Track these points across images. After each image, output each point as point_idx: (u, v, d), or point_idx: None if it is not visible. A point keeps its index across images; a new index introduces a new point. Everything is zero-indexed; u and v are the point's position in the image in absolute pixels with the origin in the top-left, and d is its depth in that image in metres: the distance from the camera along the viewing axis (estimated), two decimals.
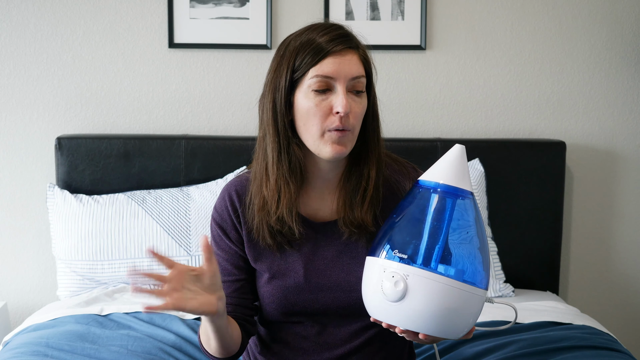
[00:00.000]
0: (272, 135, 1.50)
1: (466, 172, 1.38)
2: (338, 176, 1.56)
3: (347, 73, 1.46)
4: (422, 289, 1.31)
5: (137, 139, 2.63)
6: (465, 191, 1.37)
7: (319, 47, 1.46)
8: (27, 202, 2.75)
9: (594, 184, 2.80)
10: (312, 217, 1.57)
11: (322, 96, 1.46)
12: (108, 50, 2.72)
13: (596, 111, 2.78)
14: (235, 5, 2.70)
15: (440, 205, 1.36)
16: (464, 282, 1.33)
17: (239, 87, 2.74)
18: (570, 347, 1.91)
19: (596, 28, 2.75)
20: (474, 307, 1.35)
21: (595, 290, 2.85)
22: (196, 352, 1.94)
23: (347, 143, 1.47)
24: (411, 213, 1.38)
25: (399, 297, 1.32)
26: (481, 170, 2.58)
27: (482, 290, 1.36)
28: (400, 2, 2.71)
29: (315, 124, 1.46)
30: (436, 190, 1.37)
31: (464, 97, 2.77)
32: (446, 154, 1.39)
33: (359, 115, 1.48)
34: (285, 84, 1.48)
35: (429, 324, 1.33)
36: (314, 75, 1.45)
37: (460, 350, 1.93)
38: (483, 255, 1.37)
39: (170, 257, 2.45)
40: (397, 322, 1.35)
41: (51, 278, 2.76)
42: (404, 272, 1.32)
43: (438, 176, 1.37)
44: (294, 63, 1.47)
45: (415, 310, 1.32)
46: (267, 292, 1.57)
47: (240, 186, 1.58)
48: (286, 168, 1.50)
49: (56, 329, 2.00)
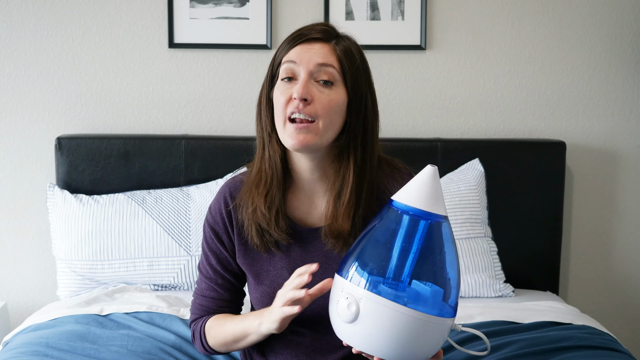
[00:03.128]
0: (257, 131, 1.54)
1: (439, 194, 1.32)
2: (321, 178, 1.54)
3: (311, 59, 1.45)
4: (373, 314, 1.29)
5: (137, 139, 2.63)
6: (436, 215, 1.32)
7: (295, 36, 1.49)
8: (27, 202, 2.75)
9: (594, 184, 2.80)
10: (302, 222, 1.56)
11: (288, 85, 1.47)
12: (108, 50, 2.72)
13: (596, 111, 2.78)
14: (235, 5, 2.70)
15: (406, 228, 1.32)
16: (420, 311, 1.29)
17: (239, 87, 2.74)
18: (570, 347, 1.91)
19: (596, 28, 2.75)
20: (432, 335, 1.31)
21: (595, 290, 2.85)
22: (196, 352, 1.93)
23: (309, 134, 1.44)
24: (377, 234, 1.35)
25: (351, 319, 1.30)
26: (481, 170, 2.58)
27: (443, 318, 1.32)
28: (400, 2, 2.71)
29: (279, 111, 1.46)
30: (405, 213, 1.32)
31: (464, 97, 2.77)
32: (418, 175, 1.34)
33: (325, 105, 1.44)
34: (266, 79, 1.52)
35: (383, 349, 1.30)
36: (283, 62, 1.48)
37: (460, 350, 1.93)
38: (450, 282, 1.33)
39: (170, 257, 2.47)
40: (351, 343, 1.34)
41: (51, 278, 2.76)
42: (357, 294, 1.30)
43: (408, 199, 1.32)
44: (275, 57, 1.51)
45: (366, 334, 1.30)
46: (255, 298, 1.59)
47: (234, 188, 1.59)
48: (267, 163, 1.52)
49: (56, 329, 2.00)
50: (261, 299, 1.57)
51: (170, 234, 2.48)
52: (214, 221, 1.59)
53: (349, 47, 1.50)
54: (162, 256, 2.47)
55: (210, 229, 1.60)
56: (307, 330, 1.56)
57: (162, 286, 2.49)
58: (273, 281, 1.55)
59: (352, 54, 1.49)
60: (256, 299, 1.59)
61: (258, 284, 1.57)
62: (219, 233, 1.59)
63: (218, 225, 1.59)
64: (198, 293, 1.64)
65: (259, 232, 1.53)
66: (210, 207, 1.61)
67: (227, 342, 1.58)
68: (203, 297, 1.63)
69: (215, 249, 1.60)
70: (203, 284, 1.63)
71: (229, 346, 1.59)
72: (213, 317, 1.62)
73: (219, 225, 1.59)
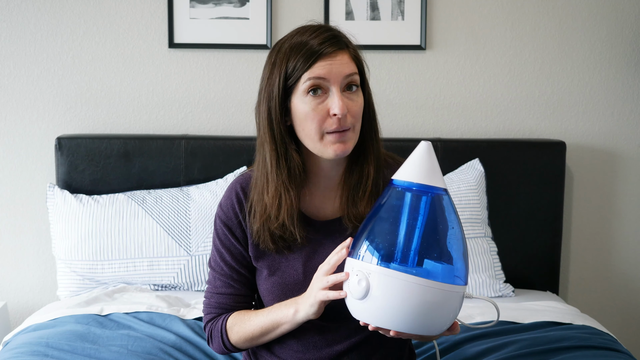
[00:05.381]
0: (270, 143, 1.51)
1: (436, 168, 1.37)
2: (340, 174, 1.57)
3: (339, 73, 1.46)
4: (383, 287, 1.32)
5: (137, 139, 2.63)
6: (436, 188, 1.36)
7: (311, 51, 1.47)
8: (27, 202, 2.75)
9: (594, 184, 2.80)
10: (315, 216, 1.58)
11: (318, 99, 1.47)
12: (108, 50, 2.72)
13: (596, 111, 2.78)
14: (235, 5, 2.70)
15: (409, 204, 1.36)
16: (431, 279, 1.32)
17: (239, 87, 2.74)
18: (570, 347, 1.91)
19: (596, 28, 2.75)
20: (446, 304, 1.34)
21: (595, 290, 2.85)
22: (196, 352, 1.94)
23: (348, 141, 1.49)
24: (382, 213, 1.39)
25: (362, 295, 1.34)
26: (481, 170, 2.58)
27: (456, 286, 1.35)
28: (400, 2, 2.71)
29: (314, 127, 1.47)
30: (406, 190, 1.37)
31: (463, 97, 2.77)
32: (414, 152, 1.38)
33: (357, 113, 1.49)
34: (278, 91, 1.49)
35: (397, 321, 1.33)
36: (307, 79, 1.46)
37: (460, 350, 1.93)
38: (459, 251, 1.37)
39: (170, 257, 2.47)
40: (367, 319, 1.37)
41: (51, 278, 2.76)
42: (366, 270, 1.34)
43: (407, 175, 1.37)
44: (286, 69, 1.48)
45: (379, 308, 1.33)
46: (266, 289, 1.58)
47: (245, 184, 1.59)
48: (285, 175, 1.51)
49: (56, 329, 2.00)
50: (272, 289, 1.57)
51: (170, 234, 2.48)
52: (227, 217, 1.59)
53: (359, 50, 1.54)
54: (162, 256, 2.47)
55: (222, 225, 1.59)
56: (313, 320, 1.56)
57: (162, 286, 2.49)
58: (285, 272, 1.56)
59: (362, 57, 1.54)
60: (266, 290, 1.58)
61: (270, 275, 1.57)
62: (232, 227, 1.59)
63: (231, 220, 1.59)
64: (212, 292, 1.63)
65: (273, 239, 1.55)
66: (221, 204, 1.61)
67: (255, 337, 1.57)
68: (219, 295, 1.62)
69: (229, 244, 1.60)
70: (218, 282, 1.62)
71: (254, 340, 1.58)
72: (234, 314, 1.61)
73: (231, 220, 1.58)
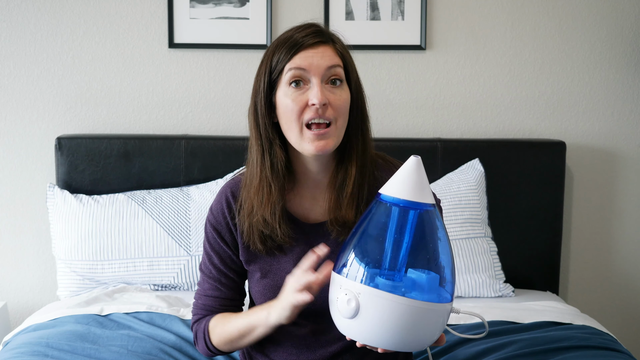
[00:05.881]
0: (255, 138, 1.52)
1: (424, 184, 1.34)
2: (328, 175, 1.56)
3: (320, 63, 1.46)
4: (373, 308, 1.31)
5: (137, 139, 2.63)
6: (424, 204, 1.33)
7: (293, 43, 1.47)
8: (27, 202, 2.75)
9: (594, 184, 2.80)
10: (305, 218, 1.58)
11: (299, 90, 1.46)
12: (108, 50, 2.72)
13: (596, 111, 2.78)
14: (235, 5, 2.70)
15: (397, 220, 1.33)
16: (418, 300, 1.30)
17: (239, 87, 2.74)
18: (570, 347, 1.91)
19: (596, 28, 2.75)
20: (432, 321, 1.33)
21: (595, 290, 2.85)
22: (196, 352, 1.93)
23: (329, 138, 1.47)
24: (369, 228, 1.36)
25: (352, 315, 1.32)
26: (481, 170, 2.58)
27: (442, 304, 1.34)
28: (400, 2, 2.71)
29: (294, 119, 1.46)
30: (394, 205, 1.34)
31: (463, 97, 2.77)
32: (402, 167, 1.35)
33: (339, 107, 1.47)
34: (264, 85, 1.50)
35: (385, 339, 1.33)
36: (288, 69, 1.46)
37: (459, 350, 1.93)
38: (447, 267, 1.36)
39: (170, 257, 2.47)
40: (355, 337, 1.36)
41: (51, 278, 2.76)
42: (356, 290, 1.32)
43: (395, 191, 1.34)
44: (271, 63, 1.49)
45: (369, 327, 1.32)
46: (258, 291, 1.59)
47: (235, 188, 1.59)
48: (268, 170, 1.51)
49: (56, 329, 2.00)
50: (264, 292, 1.57)
51: (170, 234, 2.48)
52: (216, 221, 1.59)
53: (344, 45, 1.53)
54: (162, 256, 2.48)
55: (212, 229, 1.60)
56: (307, 322, 1.57)
57: (162, 286, 2.49)
58: (277, 274, 1.56)
59: (348, 54, 1.53)
60: (258, 292, 1.59)
61: (261, 277, 1.58)
62: (222, 232, 1.59)
63: (220, 225, 1.59)
64: (201, 294, 1.64)
65: (262, 238, 1.54)
66: (212, 208, 1.61)
67: (233, 339, 1.57)
68: (206, 297, 1.63)
69: (218, 248, 1.60)
70: (206, 284, 1.63)
71: (234, 343, 1.58)
72: (216, 316, 1.62)
73: (221, 225, 1.59)
